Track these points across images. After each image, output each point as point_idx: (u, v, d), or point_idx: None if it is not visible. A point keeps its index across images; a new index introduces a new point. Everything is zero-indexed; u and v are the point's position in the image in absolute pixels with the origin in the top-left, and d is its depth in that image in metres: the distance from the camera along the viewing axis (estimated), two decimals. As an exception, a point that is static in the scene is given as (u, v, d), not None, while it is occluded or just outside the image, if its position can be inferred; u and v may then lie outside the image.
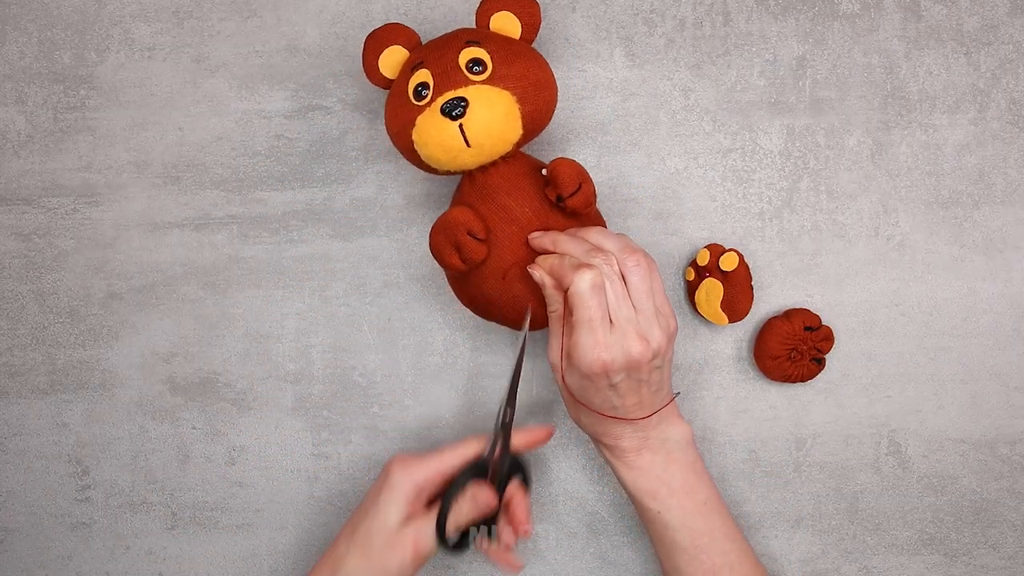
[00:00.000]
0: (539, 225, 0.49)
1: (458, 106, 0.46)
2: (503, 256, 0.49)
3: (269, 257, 0.59)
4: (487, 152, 0.47)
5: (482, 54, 0.47)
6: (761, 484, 0.59)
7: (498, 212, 0.49)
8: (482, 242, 0.47)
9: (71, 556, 0.60)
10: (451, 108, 0.46)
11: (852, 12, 0.58)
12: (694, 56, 0.58)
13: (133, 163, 0.59)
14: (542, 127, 0.50)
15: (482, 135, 0.46)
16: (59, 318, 0.59)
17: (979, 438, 0.58)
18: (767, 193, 0.58)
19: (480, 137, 0.46)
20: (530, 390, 0.59)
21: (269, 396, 0.59)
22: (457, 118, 0.46)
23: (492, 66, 0.47)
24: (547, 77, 0.49)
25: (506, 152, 0.48)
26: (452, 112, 0.46)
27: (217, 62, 0.59)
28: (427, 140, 0.47)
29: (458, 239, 0.47)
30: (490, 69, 0.47)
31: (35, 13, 0.59)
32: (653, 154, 0.58)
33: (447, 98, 0.46)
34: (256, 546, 0.59)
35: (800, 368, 0.56)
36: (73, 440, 0.60)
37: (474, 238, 0.47)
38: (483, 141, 0.47)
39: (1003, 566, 0.59)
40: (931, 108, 0.58)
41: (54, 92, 0.59)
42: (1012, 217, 0.58)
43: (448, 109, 0.46)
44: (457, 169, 0.48)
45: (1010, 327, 0.58)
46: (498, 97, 0.46)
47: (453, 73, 0.47)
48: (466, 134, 0.46)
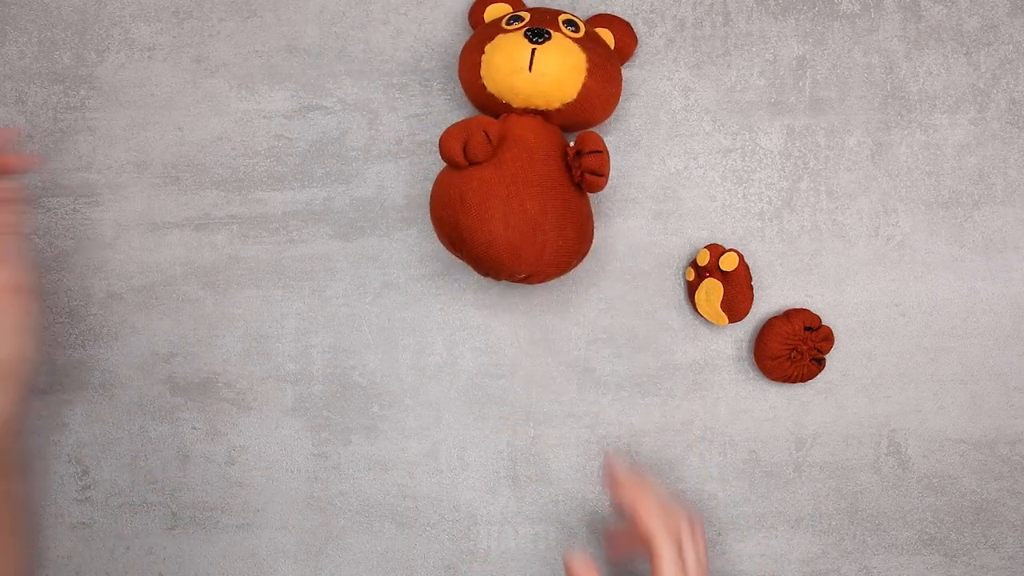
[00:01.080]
0: (547, 167, 0.50)
1: (541, 34, 0.49)
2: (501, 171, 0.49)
3: (269, 257, 0.59)
4: (540, 86, 0.50)
5: (581, 24, 0.52)
6: (761, 484, 0.59)
7: (518, 140, 0.50)
8: (491, 145, 0.49)
9: (71, 556, 0.60)
10: (534, 33, 0.49)
11: (852, 12, 0.58)
12: (694, 56, 0.58)
13: (133, 163, 0.59)
14: (589, 115, 0.52)
15: (547, 68, 0.49)
16: (59, 318, 0.59)
17: (979, 438, 0.58)
18: (767, 193, 0.58)
19: (543, 68, 0.49)
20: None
21: (269, 396, 0.59)
22: (535, 43, 0.49)
23: (583, 33, 0.51)
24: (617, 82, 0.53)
25: (550, 107, 0.51)
26: (533, 37, 0.49)
27: (217, 62, 0.59)
28: (497, 51, 0.49)
29: (471, 134, 0.48)
30: (581, 33, 0.51)
31: (35, 13, 0.59)
32: (653, 154, 0.58)
33: (535, 26, 0.50)
34: (256, 546, 0.59)
35: (800, 368, 0.56)
36: (73, 440, 0.60)
37: (486, 138, 0.48)
38: (545, 72, 0.49)
39: (1003, 566, 0.59)
40: (931, 108, 0.58)
41: (54, 92, 0.59)
42: (1012, 217, 0.58)
43: (531, 34, 0.49)
44: (504, 96, 0.51)
45: (1010, 327, 0.58)
46: (576, 51, 0.50)
47: (550, 20, 0.51)
48: (534, 59, 0.49)
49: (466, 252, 0.50)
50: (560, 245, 0.50)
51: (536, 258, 0.49)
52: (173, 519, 0.60)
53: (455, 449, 0.59)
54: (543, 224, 0.49)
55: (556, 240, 0.50)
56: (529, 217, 0.48)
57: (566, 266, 0.52)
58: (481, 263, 0.50)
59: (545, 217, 0.49)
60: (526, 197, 0.48)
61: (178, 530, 0.60)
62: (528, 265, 0.50)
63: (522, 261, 0.49)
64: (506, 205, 0.48)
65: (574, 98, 0.51)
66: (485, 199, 0.48)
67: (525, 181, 0.49)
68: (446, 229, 0.51)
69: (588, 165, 0.49)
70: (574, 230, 0.50)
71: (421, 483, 0.59)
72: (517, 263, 0.49)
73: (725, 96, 0.58)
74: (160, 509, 0.60)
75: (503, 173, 0.49)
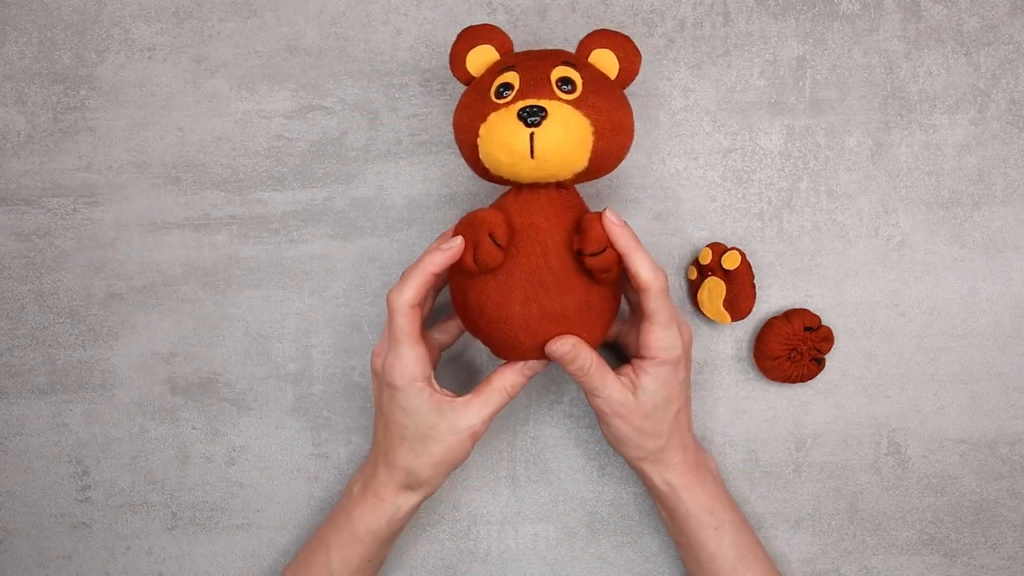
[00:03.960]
0: (563, 261, 0.47)
1: (536, 114, 0.44)
2: (515, 272, 0.47)
3: (269, 257, 0.59)
4: (546, 170, 0.46)
5: (575, 76, 0.46)
6: (761, 484, 0.59)
7: (529, 228, 0.47)
8: (500, 249, 0.46)
9: (71, 556, 0.60)
10: (528, 114, 0.44)
11: (852, 12, 0.58)
12: (694, 56, 0.58)
13: (133, 163, 0.59)
14: (606, 171, 0.48)
15: (549, 151, 0.45)
16: (59, 318, 0.59)
17: (979, 438, 0.58)
18: (767, 193, 0.58)
19: (547, 152, 0.45)
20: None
21: (269, 396, 0.59)
22: (531, 126, 0.44)
23: (581, 90, 0.46)
24: (628, 124, 0.48)
25: (563, 179, 0.47)
26: (528, 118, 0.44)
27: (217, 62, 0.59)
28: (493, 137, 0.45)
29: (478, 238, 0.45)
30: (578, 92, 0.46)
31: (35, 13, 0.59)
32: (653, 154, 0.58)
33: (528, 103, 0.44)
34: (256, 546, 0.59)
35: (800, 368, 0.56)
36: (73, 440, 0.60)
37: (494, 242, 0.45)
38: (548, 157, 0.45)
39: (1003, 566, 0.59)
40: (931, 108, 0.58)
41: (54, 92, 0.59)
42: (1012, 217, 0.58)
43: (525, 114, 0.44)
44: (509, 178, 0.47)
45: (1010, 327, 0.58)
46: (577, 120, 0.45)
47: (541, 84, 0.45)
48: (534, 144, 0.44)
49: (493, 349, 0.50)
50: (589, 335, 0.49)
51: None
52: (173, 519, 0.60)
53: (455, 449, 0.59)
54: (566, 322, 0.47)
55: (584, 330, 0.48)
56: (551, 317, 0.47)
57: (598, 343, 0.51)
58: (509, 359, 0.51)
59: (567, 316, 0.47)
60: (544, 300, 0.47)
61: (178, 530, 0.60)
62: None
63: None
64: (524, 309, 0.47)
65: (585, 166, 0.46)
66: (503, 307, 0.47)
67: (541, 284, 0.46)
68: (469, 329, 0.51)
69: (591, 267, 0.46)
70: (599, 316, 0.49)
71: (421, 483, 0.59)
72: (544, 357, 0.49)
73: (725, 96, 0.58)
74: (160, 509, 0.60)
75: (517, 277, 0.46)
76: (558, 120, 0.44)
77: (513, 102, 0.45)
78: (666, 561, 0.59)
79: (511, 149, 0.45)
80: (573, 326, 0.47)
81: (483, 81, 0.48)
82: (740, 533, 0.53)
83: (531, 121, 0.44)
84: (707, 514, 0.52)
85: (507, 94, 0.46)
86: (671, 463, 0.51)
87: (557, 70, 0.46)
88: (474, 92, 0.48)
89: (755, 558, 0.53)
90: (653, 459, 0.51)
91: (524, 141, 0.44)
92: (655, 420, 0.50)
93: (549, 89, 0.45)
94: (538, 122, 0.44)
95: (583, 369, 0.48)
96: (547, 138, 0.44)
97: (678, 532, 0.54)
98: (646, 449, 0.51)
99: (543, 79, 0.46)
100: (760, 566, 0.53)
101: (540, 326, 0.47)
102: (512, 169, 0.46)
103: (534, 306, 0.47)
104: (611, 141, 0.46)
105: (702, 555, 0.52)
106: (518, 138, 0.44)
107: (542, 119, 0.44)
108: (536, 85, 0.45)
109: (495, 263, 0.46)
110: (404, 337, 0.48)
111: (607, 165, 0.48)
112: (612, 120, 0.46)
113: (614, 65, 0.48)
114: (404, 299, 0.47)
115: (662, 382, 0.49)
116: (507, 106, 0.45)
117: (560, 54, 0.48)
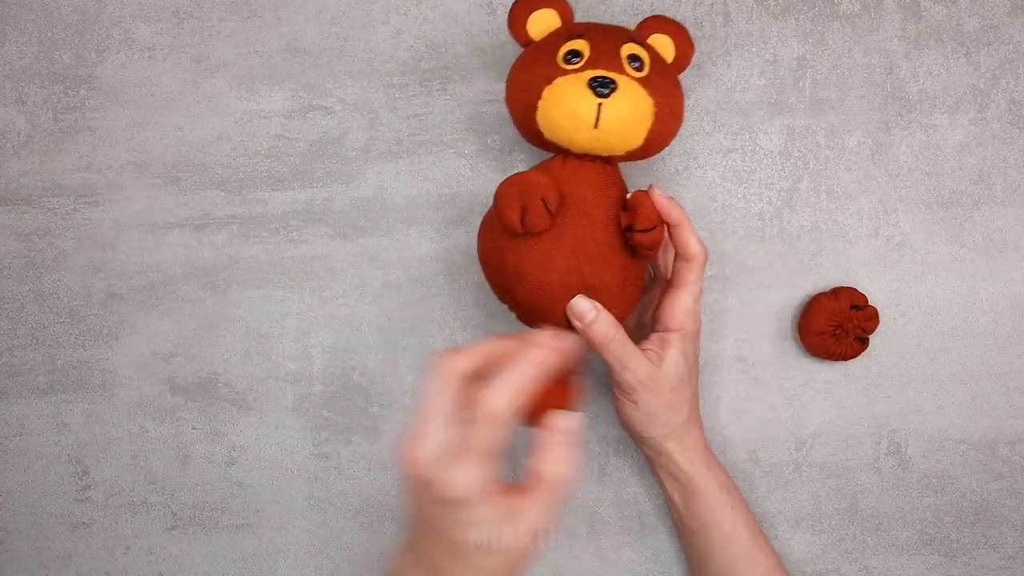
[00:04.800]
0: (607, 234, 0.47)
1: (607, 85, 0.44)
2: (561, 241, 0.46)
3: (269, 257, 0.59)
4: (605, 143, 0.46)
5: (644, 55, 0.46)
6: (761, 484, 0.59)
7: (578, 200, 0.46)
8: (551, 215, 0.45)
9: (71, 556, 0.60)
10: (600, 84, 0.44)
11: (852, 12, 0.58)
12: (694, 56, 0.58)
13: (133, 163, 0.59)
14: (653, 152, 0.48)
15: (614, 124, 0.45)
16: (59, 318, 0.59)
17: (979, 438, 0.58)
18: (767, 193, 0.58)
19: (611, 125, 0.45)
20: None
21: (269, 396, 0.59)
22: (601, 96, 0.44)
23: (648, 70, 0.46)
24: (681, 111, 0.48)
25: (615, 154, 0.47)
26: (599, 88, 0.44)
27: (217, 62, 0.59)
28: (560, 101, 0.45)
29: (529, 201, 0.45)
30: (646, 71, 0.46)
31: (35, 13, 0.59)
32: (653, 154, 0.58)
33: (600, 73, 0.45)
34: (256, 546, 0.59)
35: (844, 346, 0.56)
36: (73, 440, 0.60)
37: (546, 207, 0.45)
38: (612, 129, 0.45)
39: (1003, 566, 0.59)
40: (931, 108, 0.58)
41: (54, 92, 0.59)
42: (1012, 217, 0.58)
43: (596, 84, 0.44)
44: (563, 145, 0.47)
45: (1010, 327, 0.58)
46: (643, 98, 0.45)
47: (612, 56, 0.46)
48: (600, 115, 0.44)
49: (522, 315, 0.50)
50: (620, 311, 0.49)
51: None
52: (173, 519, 0.60)
53: (455, 449, 0.59)
54: (604, 295, 0.47)
55: (616, 306, 0.48)
56: (590, 289, 0.47)
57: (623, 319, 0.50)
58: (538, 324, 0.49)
59: (606, 290, 0.47)
60: (587, 272, 0.46)
61: (178, 530, 0.60)
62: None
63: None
64: (565, 278, 0.46)
65: (640, 144, 0.47)
66: (544, 273, 0.46)
67: (586, 255, 0.46)
68: (498, 292, 0.50)
69: (640, 243, 0.46)
70: (632, 294, 0.49)
71: (421, 483, 0.59)
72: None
73: (725, 96, 0.58)
74: (160, 509, 0.60)
75: (563, 246, 0.46)
76: (627, 95, 0.45)
77: (582, 70, 0.45)
78: (666, 561, 0.59)
79: (576, 116, 0.45)
80: (609, 300, 0.47)
81: (549, 42, 0.47)
82: (748, 513, 0.53)
83: (601, 92, 0.44)
84: (724, 492, 0.52)
85: (576, 61, 0.46)
86: (692, 439, 0.52)
87: (627, 46, 0.46)
88: (539, 52, 0.47)
89: (764, 540, 0.53)
90: (677, 435, 0.51)
91: (591, 110, 0.44)
92: (680, 392, 0.50)
93: (619, 63, 0.46)
94: (607, 94, 0.44)
95: (607, 336, 0.47)
96: (614, 111, 0.45)
97: (693, 518, 0.53)
98: (672, 424, 0.51)
99: (613, 52, 0.46)
100: (768, 548, 0.53)
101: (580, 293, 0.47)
102: (571, 136, 0.46)
103: (575, 276, 0.46)
104: (667, 124, 0.47)
105: (716, 538, 0.52)
106: (586, 105, 0.44)
107: (611, 91, 0.44)
108: (607, 56, 0.46)
109: (543, 228, 0.45)
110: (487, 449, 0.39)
111: (657, 147, 0.48)
112: (671, 103, 0.47)
113: (671, 51, 0.49)
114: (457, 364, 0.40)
115: (686, 354, 0.50)
116: (576, 72, 0.45)
117: (626, 31, 0.48)
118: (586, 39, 0.46)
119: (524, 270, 0.47)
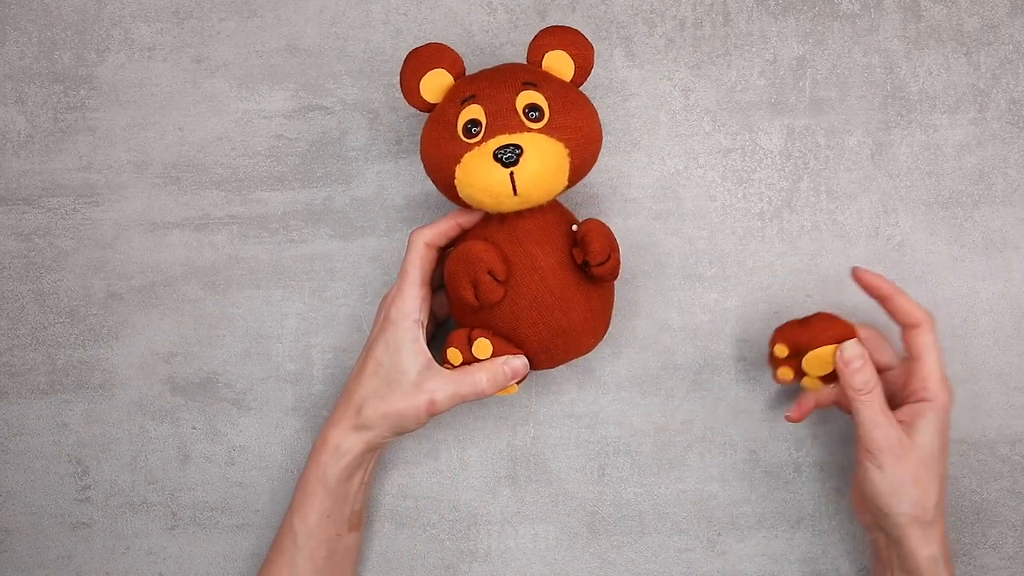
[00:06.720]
0: (561, 279, 0.47)
1: (512, 154, 0.44)
2: (518, 302, 0.47)
3: (269, 257, 0.59)
4: (531, 201, 0.46)
5: (540, 100, 0.45)
6: (761, 484, 0.59)
7: (523, 258, 0.47)
8: (500, 284, 0.46)
9: (71, 556, 0.60)
10: (505, 155, 0.44)
11: (852, 12, 0.58)
12: (694, 56, 0.58)
13: (133, 163, 0.59)
14: (583, 177, 0.49)
15: (532, 185, 0.44)
16: (59, 318, 0.59)
17: (979, 438, 0.58)
18: (767, 193, 0.58)
19: (529, 187, 0.44)
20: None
21: (269, 396, 0.59)
22: (509, 165, 0.44)
23: (549, 114, 0.45)
24: (597, 129, 0.48)
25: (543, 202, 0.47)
26: (505, 159, 0.44)
27: (217, 62, 0.59)
28: (472, 182, 0.45)
29: (477, 276, 0.45)
30: (547, 117, 0.45)
31: (35, 13, 0.59)
32: (653, 154, 0.58)
33: (501, 143, 0.44)
34: (256, 546, 0.59)
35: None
36: (73, 440, 0.60)
37: (493, 279, 0.46)
38: (532, 191, 0.45)
39: (1003, 566, 0.59)
40: (931, 108, 0.58)
41: (54, 92, 0.59)
42: (1012, 217, 0.58)
43: (501, 156, 0.44)
44: (492, 211, 0.47)
45: (1010, 327, 0.58)
46: (552, 148, 0.45)
47: (509, 116, 0.45)
48: (515, 182, 0.44)
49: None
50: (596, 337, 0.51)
51: (575, 353, 0.51)
52: (173, 519, 0.60)
53: (455, 449, 0.59)
54: (575, 332, 0.49)
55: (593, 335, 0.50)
56: (561, 332, 0.48)
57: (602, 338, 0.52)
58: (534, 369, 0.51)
59: (575, 328, 0.49)
60: (550, 319, 0.48)
61: (178, 530, 0.60)
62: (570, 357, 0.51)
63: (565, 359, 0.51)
64: (535, 331, 0.48)
65: (565, 184, 0.47)
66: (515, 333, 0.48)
67: (545, 307, 0.47)
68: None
69: (600, 275, 0.47)
70: (602, 318, 0.50)
71: (421, 483, 0.59)
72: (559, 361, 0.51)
73: (725, 96, 0.58)
74: (160, 509, 0.60)
75: (520, 306, 0.47)
76: (535, 154, 0.44)
77: (484, 140, 0.45)
78: (666, 561, 0.59)
79: (493, 192, 0.45)
80: (582, 335, 0.49)
81: (445, 113, 0.46)
82: None
83: (508, 160, 0.44)
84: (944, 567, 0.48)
85: (476, 131, 0.45)
86: (938, 533, 0.47)
87: (521, 97, 0.45)
88: (440, 127, 0.46)
89: None
90: (923, 523, 0.46)
91: (504, 181, 0.44)
92: (930, 468, 0.46)
93: (518, 120, 0.45)
94: (515, 160, 0.44)
95: (868, 385, 0.46)
96: (527, 174, 0.44)
97: None
98: (921, 506, 0.46)
99: (509, 110, 0.45)
100: None
101: (552, 343, 0.49)
102: (496, 204, 0.46)
103: (542, 326, 0.48)
104: (585, 153, 0.47)
105: None
106: (498, 178, 0.44)
107: (519, 156, 0.44)
108: (504, 117, 0.45)
109: (497, 299, 0.47)
110: (411, 272, 0.49)
111: (584, 173, 0.48)
112: (583, 134, 0.46)
113: (569, 65, 0.48)
114: (423, 235, 0.49)
115: (938, 429, 0.47)
116: (479, 145, 0.45)
117: (517, 72, 0.47)
118: (479, 102, 0.45)
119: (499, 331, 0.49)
